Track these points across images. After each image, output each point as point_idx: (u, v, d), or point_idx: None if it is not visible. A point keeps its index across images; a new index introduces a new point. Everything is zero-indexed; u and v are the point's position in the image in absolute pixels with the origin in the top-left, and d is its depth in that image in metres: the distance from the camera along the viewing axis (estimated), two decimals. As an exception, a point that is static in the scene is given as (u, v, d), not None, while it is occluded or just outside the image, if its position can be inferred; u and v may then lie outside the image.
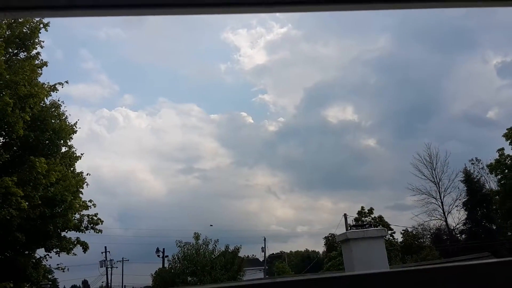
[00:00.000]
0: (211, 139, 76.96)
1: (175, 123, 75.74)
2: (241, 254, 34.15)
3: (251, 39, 78.48)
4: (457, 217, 47.33)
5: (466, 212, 45.48)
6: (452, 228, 46.98)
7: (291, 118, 72.64)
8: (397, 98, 64.76)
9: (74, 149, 22.61)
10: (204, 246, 29.83)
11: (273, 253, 70.51)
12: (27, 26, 20.63)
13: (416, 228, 46.86)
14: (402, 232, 46.01)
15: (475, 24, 57.71)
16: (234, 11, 1.59)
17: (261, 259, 60.79)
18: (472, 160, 45.85)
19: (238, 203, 77.56)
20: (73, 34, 63.25)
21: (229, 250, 31.18)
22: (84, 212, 22.65)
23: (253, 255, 67.94)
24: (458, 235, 47.55)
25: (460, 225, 46.62)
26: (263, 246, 56.79)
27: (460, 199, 45.58)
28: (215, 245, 30.36)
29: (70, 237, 22.40)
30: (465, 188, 44.96)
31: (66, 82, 22.11)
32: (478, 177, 45.59)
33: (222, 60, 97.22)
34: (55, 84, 21.63)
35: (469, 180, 45.00)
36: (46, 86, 21.02)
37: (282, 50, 74.37)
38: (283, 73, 72.88)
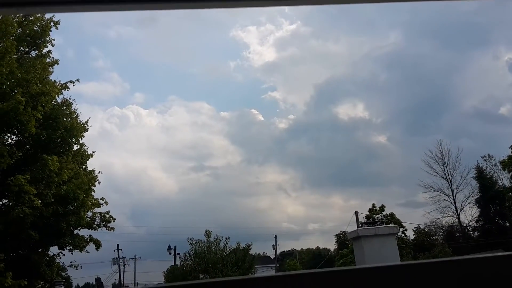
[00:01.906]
0: (221, 137, 77.18)
1: (185, 121, 76.09)
2: (252, 251, 34.18)
3: (260, 36, 78.48)
4: (469, 214, 46.93)
5: (478, 209, 45.08)
6: (464, 225, 46.63)
7: (301, 115, 72.59)
8: (408, 94, 64.36)
9: (85, 147, 22.80)
10: (215, 243, 29.91)
11: (284, 251, 70.59)
12: (38, 24, 20.74)
13: (428, 225, 46.62)
14: (414, 229, 45.74)
15: (487, 20, 57.02)
16: (243, 4, 1.59)
17: (272, 256, 60.78)
18: (485, 156, 45.39)
19: (249, 201, 77.68)
20: (84, 33, 63.93)
21: (240, 248, 31.25)
22: (96, 210, 22.73)
23: (264, 252, 68.08)
24: (471, 232, 47.11)
25: (473, 222, 46.29)
26: (274, 244, 56.79)
27: (472, 196, 45.21)
28: (226, 243, 30.47)
29: (82, 235, 22.51)
30: (478, 185, 44.48)
31: (77, 80, 22.34)
32: (490, 174, 45.13)
33: (232, 58, 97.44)
34: (66, 82, 21.81)
35: (482, 177, 44.51)
36: (57, 84, 21.12)
37: (292, 47, 74.34)
38: (293, 70, 72.89)
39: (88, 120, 22.52)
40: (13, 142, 19.88)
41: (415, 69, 62.13)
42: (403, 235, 42.26)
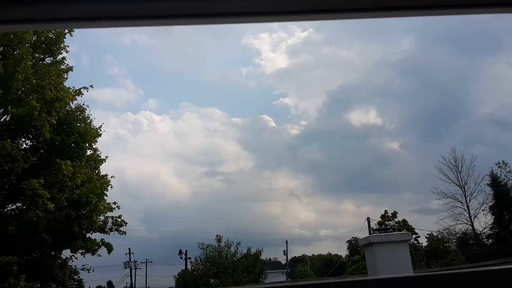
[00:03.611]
0: (233, 143, 77.44)
1: (198, 126, 76.55)
2: (263, 257, 34.23)
3: (272, 43, 78.58)
4: (483, 222, 46.19)
5: (493, 217, 44.46)
6: (478, 232, 46.02)
7: (313, 122, 72.48)
8: (421, 101, 63.87)
9: (99, 152, 23.08)
10: (226, 248, 29.97)
11: (295, 256, 70.27)
12: (53, 31, 21.03)
13: (442, 232, 45.93)
14: (427, 236, 45.05)
15: (500, 28, 56.47)
16: (255, 20, 1.63)
17: (283, 262, 60.57)
18: (499, 163, 44.85)
19: (261, 206, 77.68)
20: (99, 40, 64.76)
21: (251, 253, 31.27)
22: (109, 214, 22.79)
23: (275, 258, 67.78)
24: (485, 239, 46.51)
25: (487, 229, 45.60)
26: (285, 249, 56.63)
27: (486, 203, 44.62)
28: (237, 248, 30.51)
29: (95, 239, 22.70)
30: (492, 192, 43.92)
31: (91, 86, 22.61)
32: (505, 181, 44.55)
33: (244, 64, 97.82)
34: (80, 88, 22.07)
35: (496, 184, 43.97)
36: (71, 90, 21.39)
37: (304, 54, 74.21)
38: (305, 76, 72.82)
39: (101, 125, 22.89)
40: (27, 146, 20.10)
41: (429, 76, 61.74)
42: (415, 242, 41.83)
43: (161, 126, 75.82)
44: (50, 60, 21.51)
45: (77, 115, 21.80)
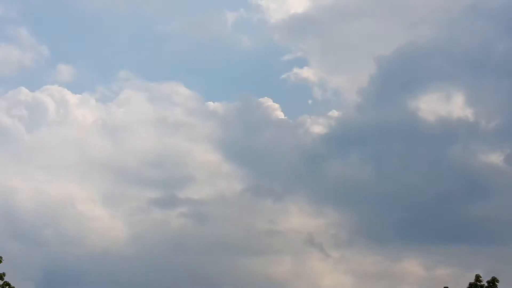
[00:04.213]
0: (208, 146, 65.64)
1: (146, 115, 65.87)
2: None
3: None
4: None
5: None
6: None
7: (352, 112, 62.63)
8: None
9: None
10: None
11: None
12: None
13: None
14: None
15: None
16: None
17: None
18: None
19: (256, 262, 65.77)
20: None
21: None
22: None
23: None
24: None
25: None
26: None
27: None
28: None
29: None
30: None
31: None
32: None
33: (232, 6, 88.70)
34: None
35: None
36: None
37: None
38: (339, 30, 62.15)
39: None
40: None
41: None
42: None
43: (80, 113, 64.86)
44: None
45: None
